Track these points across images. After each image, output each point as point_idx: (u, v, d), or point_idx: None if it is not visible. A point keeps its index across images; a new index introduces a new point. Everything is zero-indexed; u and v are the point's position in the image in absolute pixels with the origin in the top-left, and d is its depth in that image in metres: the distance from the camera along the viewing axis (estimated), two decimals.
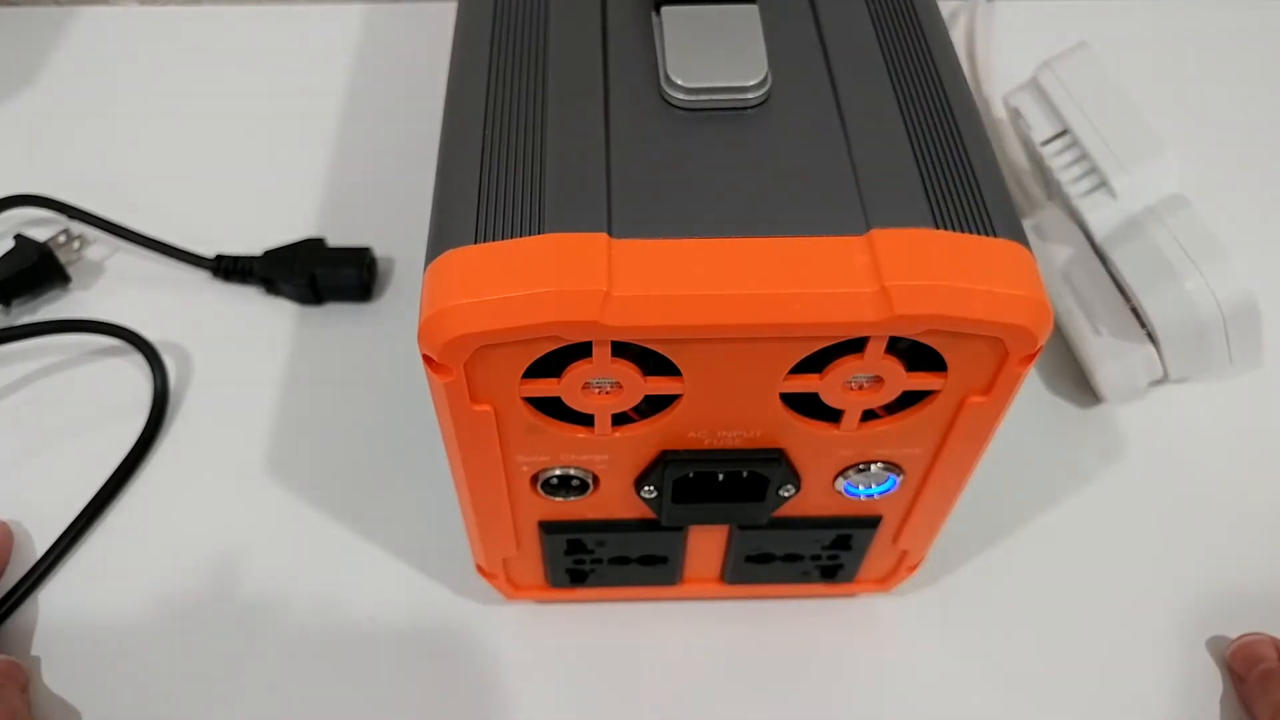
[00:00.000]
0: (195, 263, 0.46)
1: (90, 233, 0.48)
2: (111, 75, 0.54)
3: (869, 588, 0.37)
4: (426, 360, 0.25)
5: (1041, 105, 0.43)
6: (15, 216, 0.48)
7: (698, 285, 0.23)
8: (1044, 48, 0.44)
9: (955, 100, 0.28)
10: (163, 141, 0.52)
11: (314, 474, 0.41)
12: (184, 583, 0.38)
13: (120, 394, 0.43)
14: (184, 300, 0.46)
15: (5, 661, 0.35)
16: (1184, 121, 0.51)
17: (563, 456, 0.29)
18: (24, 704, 0.34)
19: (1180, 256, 0.39)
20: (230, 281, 0.46)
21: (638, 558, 0.34)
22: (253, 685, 0.36)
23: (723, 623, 0.37)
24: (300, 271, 0.45)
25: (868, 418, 0.28)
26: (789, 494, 0.30)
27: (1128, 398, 0.42)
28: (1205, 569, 0.39)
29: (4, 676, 0.34)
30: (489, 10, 0.30)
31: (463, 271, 0.24)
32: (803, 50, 0.29)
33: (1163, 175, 0.41)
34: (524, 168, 0.26)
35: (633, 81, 0.28)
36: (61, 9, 0.57)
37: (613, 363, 0.25)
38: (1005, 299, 0.24)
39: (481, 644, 0.37)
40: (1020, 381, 0.26)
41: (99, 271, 0.47)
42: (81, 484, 0.40)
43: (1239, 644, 0.36)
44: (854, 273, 0.24)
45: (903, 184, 0.25)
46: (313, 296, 0.45)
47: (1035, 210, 0.46)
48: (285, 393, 0.43)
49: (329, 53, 0.55)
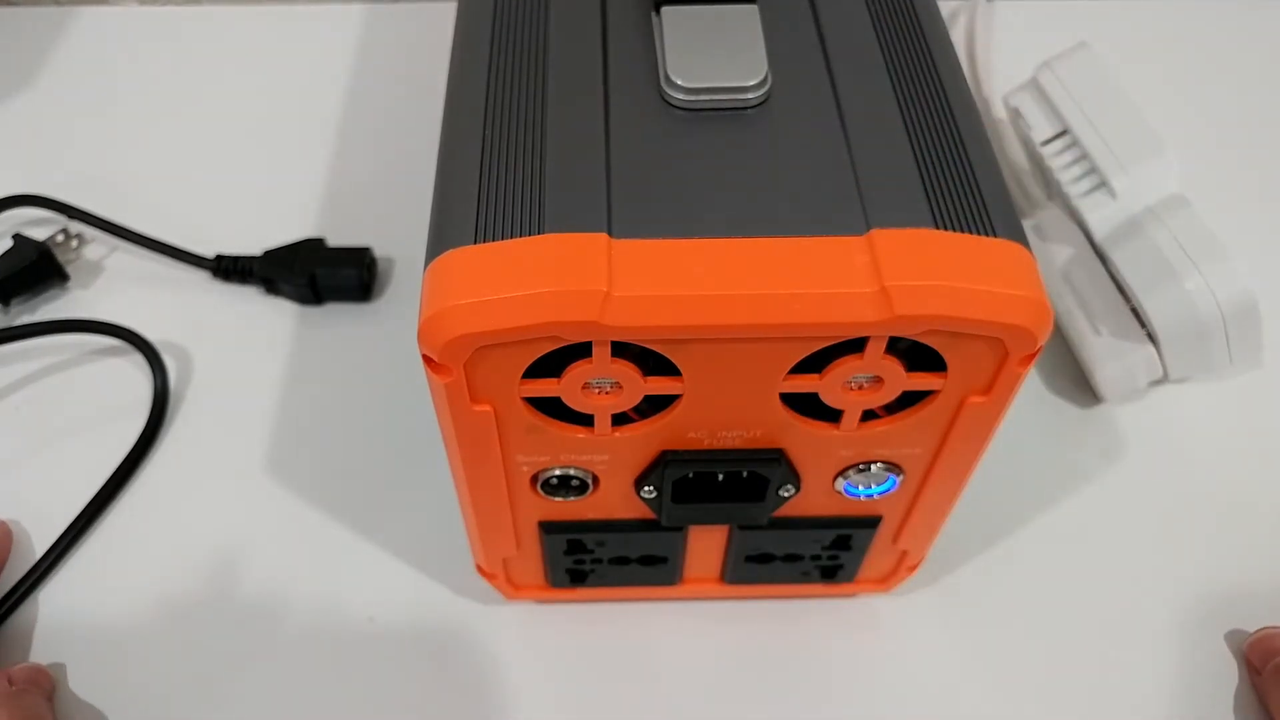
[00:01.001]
0: (195, 263, 0.46)
1: (89, 232, 0.48)
2: (111, 75, 0.54)
3: (869, 588, 0.37)
4: (426, 360, 0.25)
5: (1041, 105, 0.43)
6: (15, 216, 0.48)
7: (698, 285, 0.23)
8: (1044, 48, 0.44)
9: (955, 100, 0.28)
10: (163, 141, 0.52)
11: (314, 474, 0.41)
12: (184, 583, 0.38)
13: (120, 394, 0.43)
14: (184, 300, 0.46)
15: (31, 668, 0.35)
16: (1184, 121, 0.51)
17: (563, 456, 0.29)
18: (49, 711, 0.34)
19: (1180, 256, 0.39)
20: (230, 281, 0.46)
21: (638, 558, 0.34)
22: (253, 685, 0.36)
23: (722, 623, 0.37)
24: (300, 271, 0.45)
25: (868, 418, 0.28)
26: (789, 494, 0.30)
27: (1128, 398, 0.42)
28: (1205, 569, 0.38)
29: (29, 683, 0.34)
30: (489, 10, 0.30)
31: (463, 271, 0.24)
32: (803, 50, 0.29)
33: (1163, 175, 0.41)
34: (524, 167, 0.26)
35: (633, 81, 0.28)
36: (61, 9, 0.57)
37: (613, 363, 0.25)
38: (1005, 299, 0.24)
39: (481, 644, 0.37)
40: (1020, 381, 0.26)
41: (98, 271, 0.47)
42: (81, 484, 0.40)
43: (1257, 637, 0.36)
44: (854, 273, 0.24)
45: (903, 184, 0.25)
46: (313, 296, 0.45)
47: (1035, 210, 0.46)
48: (285, 393, 0.43)
49: (329, 53, 0.55)
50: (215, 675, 0.36)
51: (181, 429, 0.42)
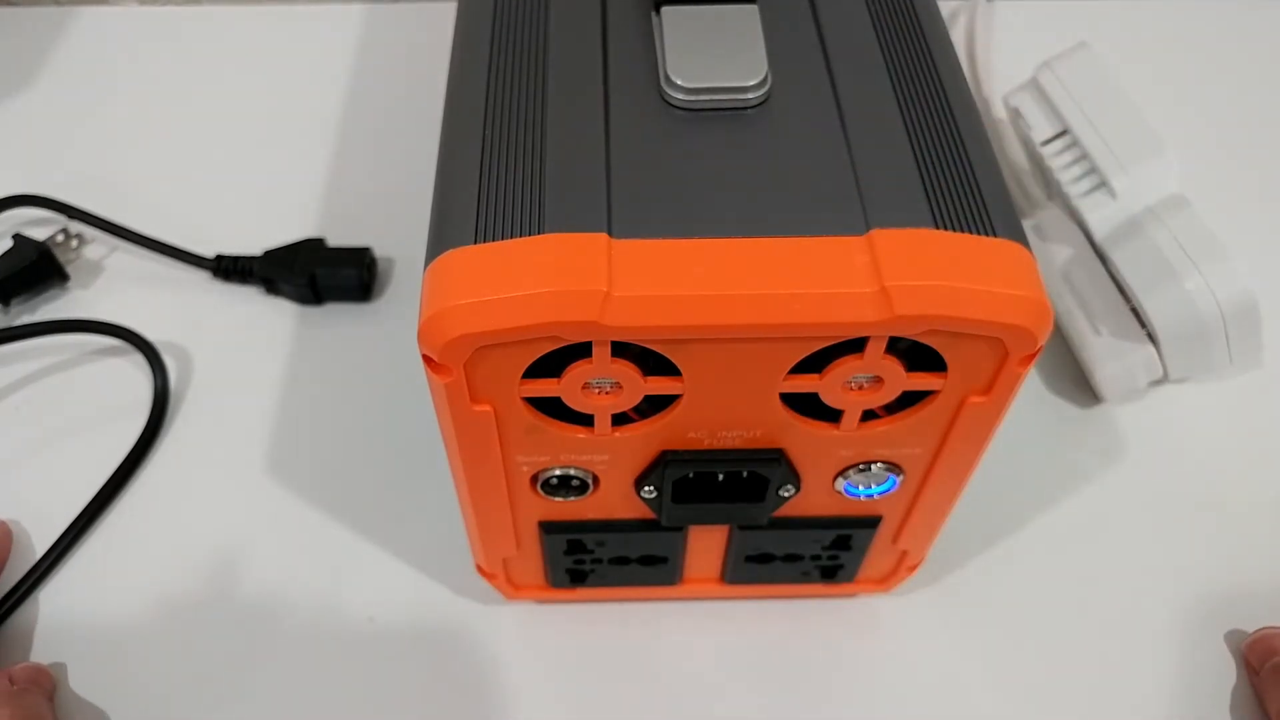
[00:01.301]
0: (195, 263, 0.46)
1: (89, 232, 0.48)
2: (111, 75, 0.54)
3: (869, 588, 0.37)
4: (426, 360, 0.25)
5: (1041, 105, 0.43)
6: (14, 216, 0.48)
7: (698, 285, 0.23)
8: (1044, 48, 0.44)
9: (955, 100, 0.28)
10: (162, 141, 0.52)
11: (314, 474, 0.41)
12: (184, 583, 0.38)
13: (120, 394, 0.43)
14: (184, 300, 0.46)
15: (32, 668, 0.35)
16: (1184, 121, 0.51)
17: (563, 456, 0.29)
18: (50, 710, 0.34)
19: (1180, 256, 0.39)
20: (230, 281, 0.46)
21: (638, 558, 0.34)
22: (252, 685, 0.36)
23: (723, 623, 0.37)
24: (300, 271, 0.45)
25: (868, 418, 0.28)
26: (789, 494, 0.30)
27: (1128, 398, 0.42)
28: (1205, 569, 0.38)
29: (30, 683, 0.34)
30: (489, 10, 0.30)
31: (463, 271, 0.24)
32: (803, 50, 0.29)
33: (1163, 175, 0.41)
34: (524, 167, 0.26)
35: (633, 81, 0.28)
36: (61, 9, 0.57)
37: (613, 363, 0.25)
38: (1005, 299, 0.24)
39: (481, 644, 0.37)
40: (1020, 381, 0.26)
41: (98, 271, 0.47)
42: (81, 484, 0.40)
43: (1255, 637, 0.36)
44: (854, 273, 0.24)
45: (903, 184, 0.25)
46: (313, 296, 0.45)
47: (1035, 210, 0.46)
48: (285, 393, 0.43)
49: (329, 53, 0.55)
50: (215, 675, 0.36)
51: (182, 429, 0.42)
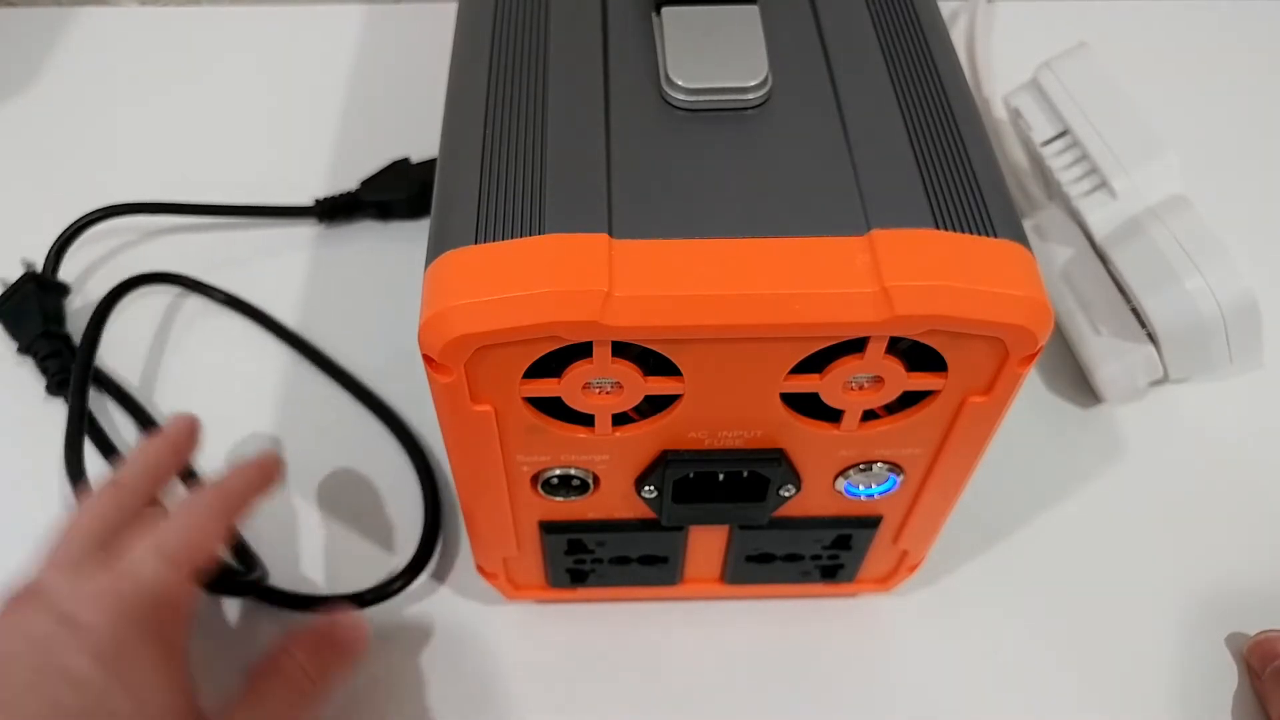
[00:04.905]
0: (296, 215, 0.47)
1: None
2: (111, 75, 0.54)
3: (869, 588, 0.37)
4: (427, 360, 0.25)
5: (1041, 105, 0.43)
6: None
7: (698, 285, 0.23)
8: (1044, 48, 0.44)
9: (955, 100, 0.28)
10: (162, 141, 0.52)
11: (314, 474, 0.41)
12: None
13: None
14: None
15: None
16: (1184, 121, 0.51)
17: (563, 456, 0.29)
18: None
19: (1181, 257, 0.39)
20: (336, 222, 0.48)
21: (638, 558, 0.34)
22: None
23: (723, 623, 0.37)
24: (413, 181, 0.47)
25: (868, 418, 0.28)
26: (789, 494, 0.30)
27: (1128, 398, 0.42)
28: (1205, 570, 0.38)
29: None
30: (489, 10, 0.30)
31: (463, 272, 0.24)
32: (803, 51, 0.29)
33: (1163, 175, 0.41)
34: (524, 168, 0.26)
35: (633, 82, 0.28)
36: (61, 9, 0.57)
37: (613, 363, 0.25)
38: (1005, 299, 0.24)
39: (481, 644, 0.37)
40: (1020, 382, 0.26)
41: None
42: None
43: (1257, 640, 0.36)
44: (854, 273, 0.24)
45: (903, 184, 0.25)
46: (426, 208, 0.44)
47: (1035, 210, 0.46)
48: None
49: (329, 53, 0.55)
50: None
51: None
